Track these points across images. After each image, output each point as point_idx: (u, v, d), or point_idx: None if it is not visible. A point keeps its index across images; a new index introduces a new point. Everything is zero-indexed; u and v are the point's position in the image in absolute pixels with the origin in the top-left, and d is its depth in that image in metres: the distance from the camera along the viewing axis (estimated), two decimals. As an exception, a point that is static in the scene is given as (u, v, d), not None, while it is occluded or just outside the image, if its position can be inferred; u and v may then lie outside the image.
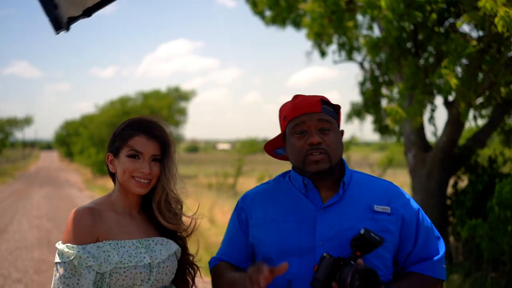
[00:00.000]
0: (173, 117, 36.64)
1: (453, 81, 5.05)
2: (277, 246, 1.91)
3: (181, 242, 2.09)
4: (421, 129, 7.11)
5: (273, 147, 2.14)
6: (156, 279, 1.94)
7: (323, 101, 1.95)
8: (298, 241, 1.89)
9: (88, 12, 2.12)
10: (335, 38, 7.92)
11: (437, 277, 1.95)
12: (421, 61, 6.35)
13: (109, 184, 23.46)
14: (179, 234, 2.09)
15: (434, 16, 5.78)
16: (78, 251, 1.81)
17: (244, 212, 2.05)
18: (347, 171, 1.99)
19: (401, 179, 15.87)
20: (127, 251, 1.88)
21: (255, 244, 2.00)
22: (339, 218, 1.90)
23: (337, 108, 2.01)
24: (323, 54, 8.11)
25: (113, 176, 2.04)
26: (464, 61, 5.75)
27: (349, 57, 8.06)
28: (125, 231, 1.94)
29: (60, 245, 1.85)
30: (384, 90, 7.79)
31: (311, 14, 7.23)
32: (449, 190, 7.19)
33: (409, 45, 6.47)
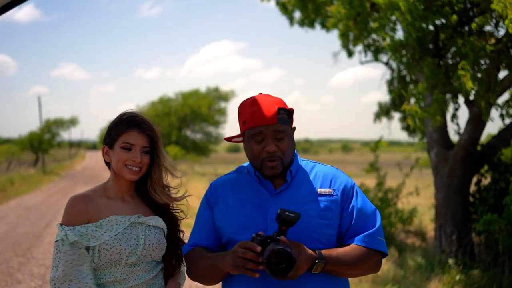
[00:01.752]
0: (212, 117, 37.17)
1: (469, 84, 5.20)
2: (236, 228, 2.19)
3: (173, 222, 2.42)
4: (443, 128, 7.24)
5: (233, 138, 2.40)
6: (143, 254, 2.24)
7: (280, 110, 2.19)
8: (253, 223, 2.17)
9: None
10: (361, 39, 8.09)
11: (372, 248, 2.17)
12: (442, 62, 6.47)
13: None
14: (170, 214, 2.42)
15: (455, 17, 5.91)
16: (70, 231, 2.15)
17: (211, 199, 2.35)
18: (295, 162, 2.29)
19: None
20: (114, 230, 2.21)
21: (219, 227, 2.29)
22: (288, 202, 2.18)
23: (291, 111, 2.26)
24: (350, 54, 8.30)
25: (108, 165, 2.37)
26: (484, 61, 5.86)
27: (375, 58, 8.23)
28: (115, 212, 2.27)
29: (58, 226, 2.20)
30: (411, 90, 7.92)
31: (337, 16, 7.43)
32: (472, 187, 7.30)
33: (431, 46, 6.60)
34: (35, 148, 42.87)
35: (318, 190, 2.22)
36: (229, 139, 2.44)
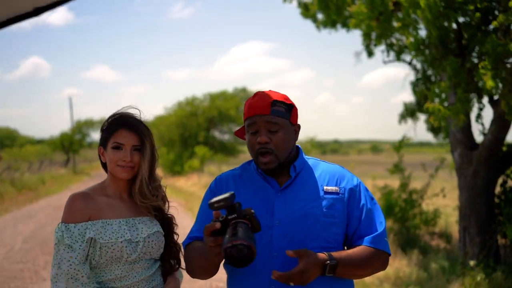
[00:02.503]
0: (240, 117, 37.23)
1: (489, 83, 5.11)
2: None
3: (167, 222, 2.43)
4: (467, 128, 7.12)
5: (242, 134, 2.38)
6: (143, 252, 2.26)
7: (275, 102, 2.19)
8: (259, 219, 2.10)
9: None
10: (383, 39, 8.01)
11: (379, 248, 2.17)
12: (466, 61, 6.37)
13: (178, 182, 24.23)
14: (165, 215, 2.43)
15: (478, 15, 5.82)
16: (70, 229, 2.18)
17: (216, 192, 2.31)
18: (299, 158, 2.28)
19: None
20: (113, 228, 2.22)
21: None
22: (294, 198, 2.18)
23: (290, 107, 2.25)
24: (370, 54, 8.22)
25: (105, 166, 2.39)
26: (507, 60, 5.75)
27: (398, 57, 8.14)
28: (114, 211, 2.28)
29: (58, 225, 2.23)
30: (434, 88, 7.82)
31: (358, 16, 7.37)
32: (498, 189, 7.17)
33: (454, 44, 6.50)
34: (66, 149, 43.58)
35: (325, 188, 2.21)
36: (238, 134, 2.44)
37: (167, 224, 2.44)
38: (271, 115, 2.17)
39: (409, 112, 9.30)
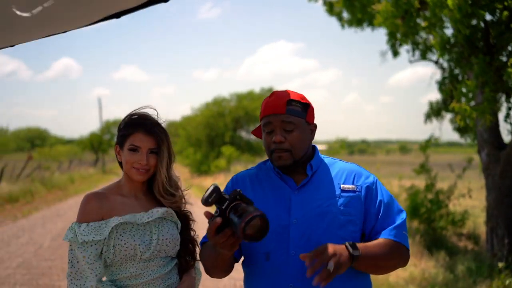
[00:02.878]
0: (267, 117, 37.16)
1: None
2: None
3: (183, 219, 2.45)
4: (495, 128, 7.02)
5: (258, 133, 2.38)
6: (157, 250, 2.28)
7: (290, 101, 2.19)
8: (276, 218, 2.13)
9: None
10: (409, 38, 7.94)
11: (398, 241, 2.13)
12: (494, 60, 6.27)
13: (204, 182, 24.35)
14: (181, 211, 2.44)
15: (505, 13, 5.72)
16: (83, 228, 2.20)
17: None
18: (316, 157, 2.28)
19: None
20: (126, 226, 2.24)
21: None
22: (310, 197, 2.17)
23: (306, 106, 2.24)
24: (395, 54, 8.14)
25: (121, 164, 2.40)
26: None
27: (423, 57, 8.05)
28: (128, 210, 2.30)
29: (72, 224, 2.25)
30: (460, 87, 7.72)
31: (383, 14, 7.31)
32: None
33: (481, 43, 6.40)
34: (95, 148, 44.18)
35: (341, 186, 2.20)
36: (255, 133, 2.44)
37: (184, 220, 2.45)
38: (286, 114, 2.17)
39: (434, 112, 9.18)
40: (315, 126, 2.31)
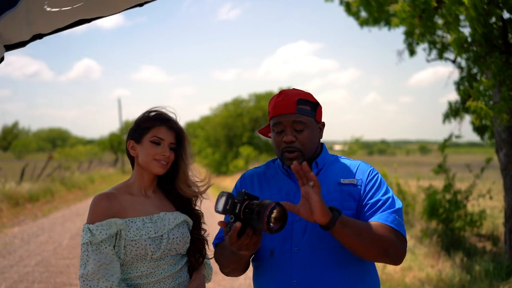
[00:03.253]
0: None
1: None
2: None
3: (196, 219, 2.47)
4: (513, 127, 6.93)
5: (267, 132, 2.40)
6: (167, 248, 2.29)
7: (300, 100, 2.19)
8: None
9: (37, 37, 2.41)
10: (426, 37, 7.88)
11: (388, 224, 2.06)
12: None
13: (223, 182, 24.41)
14: (193, 210, 2.46)
15: (523, 11, 5.66)
16: (94, 229, 2.19)
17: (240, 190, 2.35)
18: (322, 155, 2.29)
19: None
20: (136, 226, 2.25)
21: None
22: None
23: (315, 105, 2.25)
24: (412, 53, 8.08)
25: (132, 160, 2.43)
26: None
27: (440, 56, 7.98)
28: (138, 209, 2.31)
29: (84, 226, 2.25)
30: (477, 86, 7.63)
31: (401, 14, 7.27)
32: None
33: (499, 41, 6.33)
34: (114, 149, 44.52)
35: (342, 180, 2.21)
36: (264, 133, 2.45)
37: (195, 219, 2.47)
38: (296, 114, 2.18)
39: (453, 112, 9.09)
40: (323, 125, 2.32)
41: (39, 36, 2.45)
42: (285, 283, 2.13)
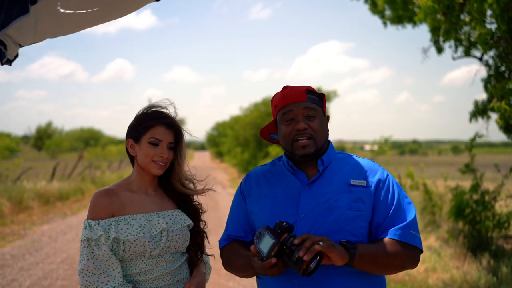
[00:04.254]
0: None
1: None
2: (267, 218, 2.16)
3: (195, 213, 2.46)
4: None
5: (268, 133, 2.39)
6: (166, 246, 2.28)
7: (308, 90, 2.21)
8: (284, 213, 2.14)
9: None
10: (451, 34, 7.72)
11: (404, 241, 2.07)
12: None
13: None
14: (192, 205, 2.46)
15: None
16: (94, 226, 2.20)
17: (245, 190, 2.36)
18: (328, 151, 2.25)
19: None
20: (136, 223, 2.25)
21: (252, 219, 2.29)
22: (319, 192, 2.15)
23: (321, 97, 2.26)
24: (439, 50, 7.93)
25: (132, 159, 2.42)
26: None
27: (467, 53, 7.82)
28: (138, 206, 2.31)
29: (84, 222, 2.26)
30: (500, 86, 7.45)
31: (425, 10, 7.15)
32: None
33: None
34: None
35: (351, 181, 2.17)
36: (264, 135, 2.42)
37: (194, 213, 2.47)
38: (307, 101, 2.19)
39: (480, 111, 8.90)
40: (328, 118, 2.30)
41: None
42: (287, 281, 2.12)
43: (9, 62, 2.44)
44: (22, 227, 11.37)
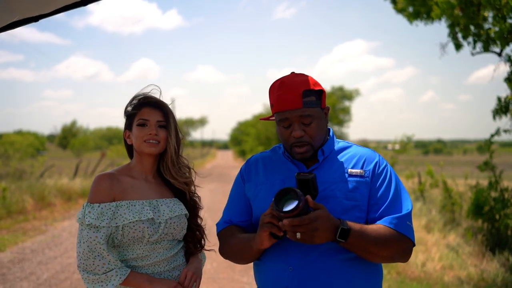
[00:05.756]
0: (337, 116, 36.93)
1: None
2: (265, 205, 2.14)
3: (192, 204, 2.49)
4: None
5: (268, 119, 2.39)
6: (164, 233, 2.31)
7: (305, 93, 2.12)
8: None
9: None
10: (470, 29, 7.63)
11: (399, 231, 2.06)
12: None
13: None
14: (190, 196, 2.48)
15: None
16: (94, 209, 2.24)
17: (245, 175, 2.37)
18: (328, 142, 2.25)
19: None
20: (135, 209, 2.28)
21: (250, 204, 2.30)
22: (318, 181, 2.11)
23: (319, 93, 2.18)
24: (458, 47, 7.83)
25: (130, 150, 2.47)
26: None
27: (486, 49, 7.71)
28: (138, 192, 2.34)
29: (83, 204, 2.30)
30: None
31: (442, 6, 7.09)
32: None
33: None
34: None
35: (349, 170, 2.16)
36: (263, 120, 2.46)
37: (192, 206, 2.49)
38: (303, 108, 2.13)
39: (503, 108, 8.76)
40: (328, 109, 2.26)
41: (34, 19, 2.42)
42: (280, 269, 2.12)
43: None
44: (44, 223, 11.54)
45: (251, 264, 2.34)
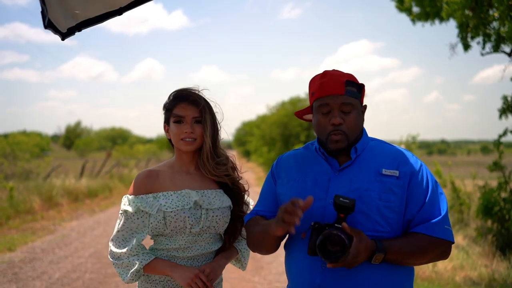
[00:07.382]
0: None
1: None
2: None
3: (237, 195, 2.51)
4: None
5: (303, 114, 2.39)
6: (206, 225, 2.36)
7: (348, 82, 2.14)
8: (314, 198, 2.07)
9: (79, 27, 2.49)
10: (480, 29, 7.62)
11: (436, 236, 2.06)
12: None
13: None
14: (235, 186, 2.50)
15: None
16: (131, 200, 2.35)
17: (275, 172, 2.36)
18: (362, 139, 2.22)
19: None
20: (177, 199, 2.34)
21: (280, 201, 2.28)
22: (350, 179, 2.12)
23: (361, 86, 2.20)
24: (466, 47, 7.83)
25: (171, 142, 2.50)
26: None
27: (495, 49, 7.70)
28: (179, 185, 2.39)
29: (124, 197, 2.40)
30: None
31: (452, 6, 7.08)
32: None
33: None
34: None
35: (383, 170, 2.13)
36: (299, 115, 2.44)
37: (237, 194, 2.51)
38: (345, 95, 2.14)
39: (509, 107, 8.75)
40: (365, 108, 2.27)
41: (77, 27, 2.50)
42: (313, 266, 2.11)
43: (62, 35, 2.45)
44: (52, 223, 11.58)
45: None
